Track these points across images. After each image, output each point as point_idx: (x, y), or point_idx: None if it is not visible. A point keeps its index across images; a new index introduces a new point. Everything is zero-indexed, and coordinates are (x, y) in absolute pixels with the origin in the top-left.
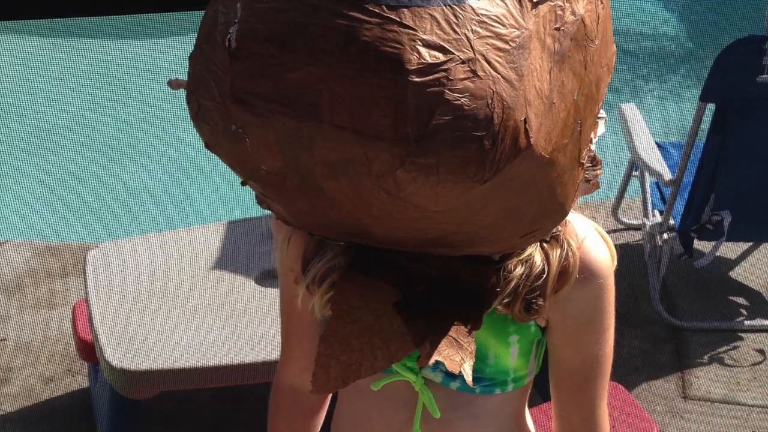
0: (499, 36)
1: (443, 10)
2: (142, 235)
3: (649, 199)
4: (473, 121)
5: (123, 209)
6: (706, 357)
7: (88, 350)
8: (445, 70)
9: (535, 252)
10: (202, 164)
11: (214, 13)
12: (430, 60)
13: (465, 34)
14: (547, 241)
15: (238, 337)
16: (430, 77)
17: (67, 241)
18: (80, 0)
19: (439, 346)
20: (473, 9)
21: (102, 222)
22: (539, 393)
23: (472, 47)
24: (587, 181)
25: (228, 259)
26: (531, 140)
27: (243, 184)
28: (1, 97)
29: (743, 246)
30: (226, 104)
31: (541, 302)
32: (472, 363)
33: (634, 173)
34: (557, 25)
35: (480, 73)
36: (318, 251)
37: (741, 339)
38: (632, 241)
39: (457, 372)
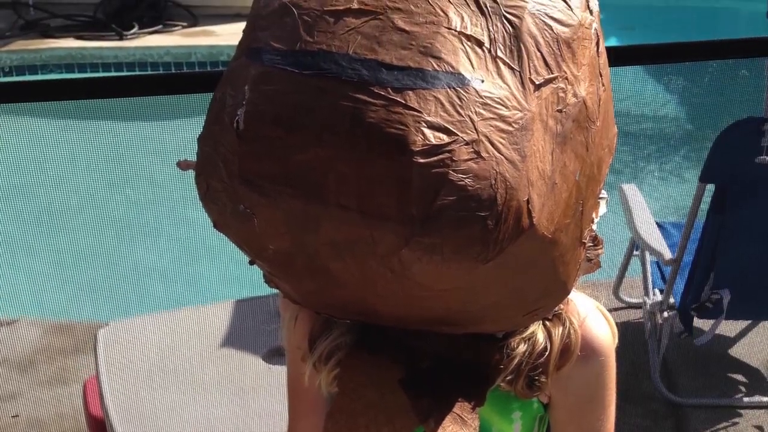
0: (502, 118)
1: (447, 92)
2: (152, 313)
3: (650, 278)
4: (477, 202)
5: (133, 288)
6: None
7: (99, 427)
8: (449, 152)
9: (537, 330)
10: (210, 244)
11: (223, 95)
12: (434, 141)
13: (469, 116)
14: (549, 319)
15: (247, 414)
16: (435, 158)
17: (78, 319)
18: (90, 83)
19: (444, 422)
20: (477, 91)
21: (112, 300)
22: None
23: (475, 129)
24: (589, 260)
25: (236, 337)
26: (534, 220)
27: (251, 263)
28: (12, 177)
29: (742, 324)
30: (234, 185)
31: (543, 379)
32: None
33: (634, 253)
34: (559, 107)
35: (483, 154)
36: (324, 329)
37: (740, 415)
38: (633, 320)
39: None
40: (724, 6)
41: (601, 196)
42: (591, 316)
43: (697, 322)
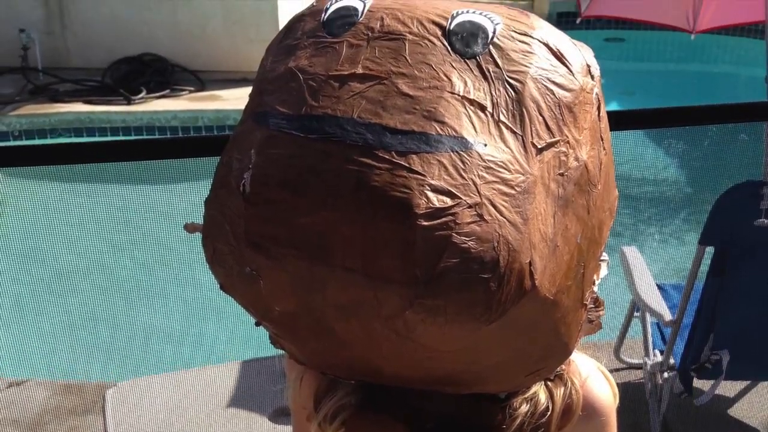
0: (504, 181)
1: (451, 156)
2: (160, 373)
3: (650, 339)
4: (480, 264)
5: (141, 349)
6: None
7: None
8: (452, 215)
9: (539, 390)
10: (217, 305)
11: (229, 159)
12: (437, 204)
13: (472, 179)
14: (551, 380)
15: None
16: (438, 221)
17: (86, 380)
18: (99, 147)
19: None
20: (480, 155)
21: (121, 361)
22: None
23: (478, 192)
24: (590, 321)
25: (242, 397)
26: (536, 282)
27: (257, 324)
28: (23, 240)
29: (742, 384)
30: (240, 247)
31: None
32: None
33: (635, 314)
34: (561, 171)
35: (486, 217)
36: (329, 390)
37: None
38: (634, 380)
39: None
40: (723, 71)
41: (602, 258)
42: (592, 376)
43: (697, 383)
